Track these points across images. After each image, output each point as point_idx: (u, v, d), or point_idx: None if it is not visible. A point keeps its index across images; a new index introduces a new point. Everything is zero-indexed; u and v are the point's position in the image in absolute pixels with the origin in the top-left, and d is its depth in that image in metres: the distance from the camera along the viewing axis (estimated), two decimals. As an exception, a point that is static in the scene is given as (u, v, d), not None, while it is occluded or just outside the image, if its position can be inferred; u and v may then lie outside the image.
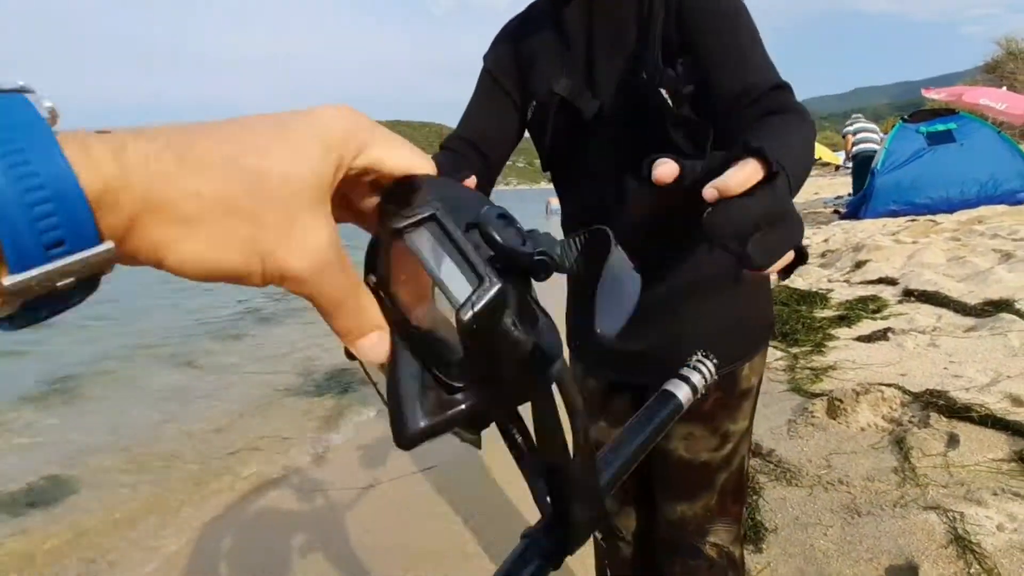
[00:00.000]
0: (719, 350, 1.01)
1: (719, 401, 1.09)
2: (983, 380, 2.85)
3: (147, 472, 3.28)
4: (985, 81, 21.19)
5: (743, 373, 1.09)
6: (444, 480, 2.90)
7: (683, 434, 1.11)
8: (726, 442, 1.11)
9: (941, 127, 8.77)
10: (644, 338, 1.10)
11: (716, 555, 1.13)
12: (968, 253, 5.32)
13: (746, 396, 1.11)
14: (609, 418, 1.25)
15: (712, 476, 1.12)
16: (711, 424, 1.10)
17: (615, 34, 1.00)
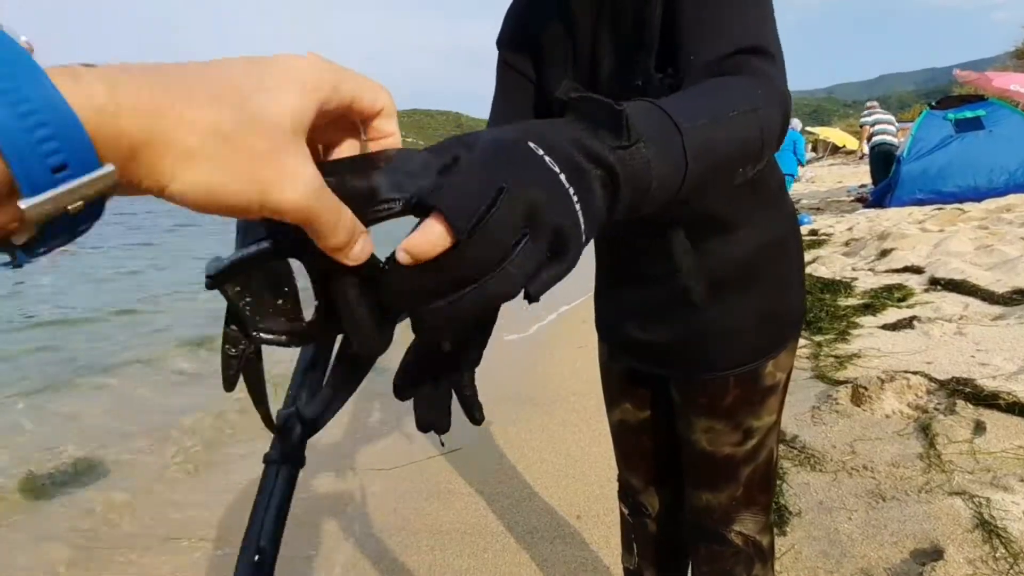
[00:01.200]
0: (741, 346, 1.03)
1: (739, 397, 1.04)
2: (1010, 368, 2.83)
3: (167, 447, 3.36)
4: (1016, 67, 20.68)
5: (767, 370, 1.04)
6: (468, 461, 2.95)
7: (704, 427, 1.08)
8: (749, 437, 1.06)
9: (969, 114, 8.61)
10: (667, 331, 1.08)
11: (742, 543, 1.11)
12: (996, 241, 5.25)
13: (771, 392, 1.06)
14: (634, 401, 1.25)
15: (736, 469, 1.09)
16: (732, 420, 1.06)
17: (618, 33, 0.94)
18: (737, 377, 1.03)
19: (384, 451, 3.22)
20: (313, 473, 3.00)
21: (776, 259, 1.03)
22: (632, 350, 1.17)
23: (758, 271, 1.01)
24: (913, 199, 8.51)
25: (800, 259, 1.09)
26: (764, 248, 1.00)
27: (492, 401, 3.74)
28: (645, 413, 1.23)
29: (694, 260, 1.00)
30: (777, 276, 1.03)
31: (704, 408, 1.07)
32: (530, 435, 3.16)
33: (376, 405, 3.88)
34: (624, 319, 1.15)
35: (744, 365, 1.03)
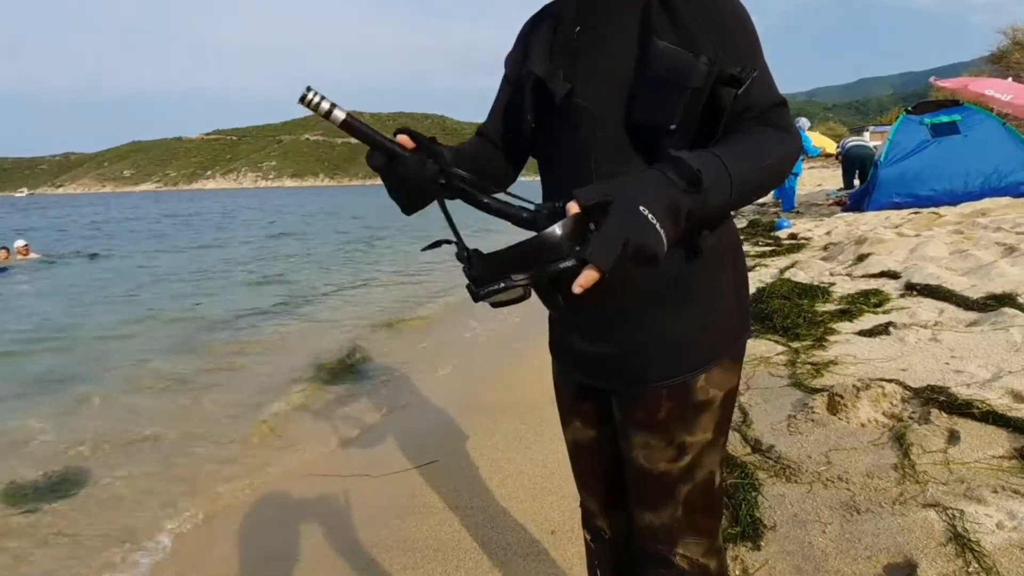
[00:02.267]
0: (671, 358, 1.05)
1: (672, 412, 1.06)
2: (984, 376, 2.83)
3: (145, 463, 3.29)
4: (991, 72, 21.02)
5: (699, 384, 1.05)
6: (444, 474, 2.90)
7: (641, 443, 1.09)
8: (683, 453, 1.07)
9: (945, 118, 8.72)
10: (606, 343, 1.10)
11: (687, 567, 1.11)
12: (971, 246, 5.30)
13: (704, 408, 1.07)
14: (583, 418, 1.26)
15: (673, 487, 1.09)
16: (665, 434, 1.07)
17: (603, 26, 1.04)
18: (669, 390, 1.06)
19: (359, 464, 3.17)
20: (284, 487, 2.95)
21: (708, 276, 1.05)
22: (578, 363, 1.19)
23: (689, 286, 1.04)
24: (891, 203, 8.60)
25: (740, 278, 1.11)
26: (695, 264, 1.03)
27: (469, 412, 3.71)
28: (594, 431, 1.24)
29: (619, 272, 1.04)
30: (709, 292, 1.06)
31: (640, 422, 1.09)
32: (507, 446, 3.12)
33: (352, 420, 3.84)
34: (570, 332, 1.18)
35: (674, 377, 1.05)
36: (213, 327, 6.67)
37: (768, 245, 7.65)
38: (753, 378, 3.28)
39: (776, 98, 0.96)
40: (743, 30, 0.97)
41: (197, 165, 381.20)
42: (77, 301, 8.85)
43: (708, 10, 0.96)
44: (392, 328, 6.29)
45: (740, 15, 0.98)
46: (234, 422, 3.85)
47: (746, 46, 0.96)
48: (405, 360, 4.97)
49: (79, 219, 35.37)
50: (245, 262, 13.22)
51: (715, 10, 0.96)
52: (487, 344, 5.49)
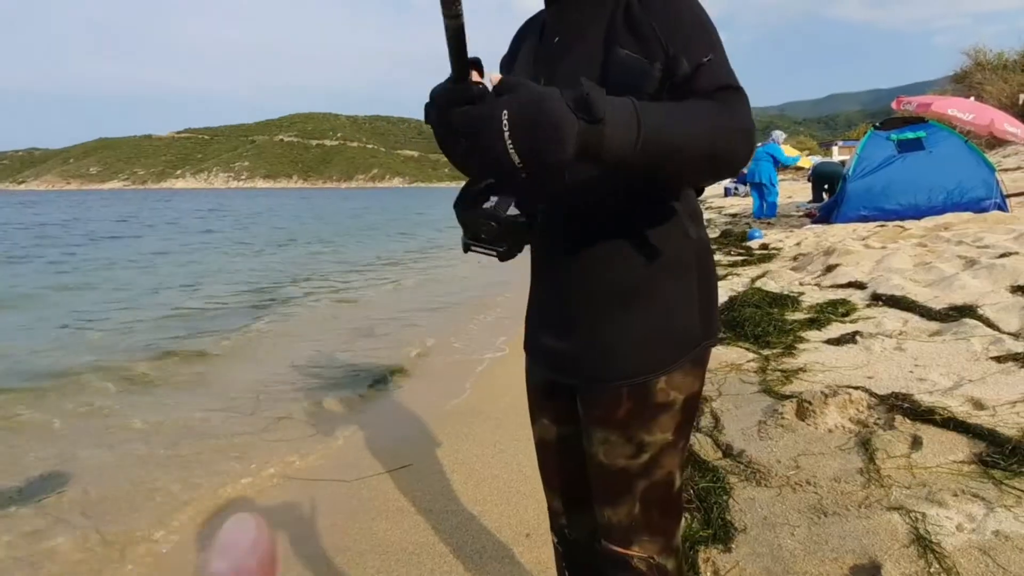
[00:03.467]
0: (631, 359, 1.08)
1: (631, 411, 1.09)
2: (946, 384, 2.92)
3: (134, 467, 3.23)
4: (954, 91, 21.68)
5: (658, 386, 1.08)
6: (418, 478, 2.90)
7: (601, 439, 1.12)
8: (642, 451, 1.10)
9: (911, 135, 8.97)
10: (569, 339, 1.14)
11: (644, 568, 1.13)
12: (934, 259, 5.45)
13: (664, 409, 1.09)
14: (550, 415, 1.28)
15: (631, 482, 1.12)
16: (624, 432, 1.10)
17: (576, 35, 1.07)
18: (629, 389, 1.08)
19: (333, 467, 3.15)
20: (256, 492, 2.92)
21: (668, 279, 1.08)
22: (546, 359, 1.22)
23: (648, 288, 1.07)
24: (858, 215, 8.81)
25: (705, 284, 1.12)
26: (656, 267, 1.07)
27: (443, 415, 3.71)
28: (561, 429, 1.27)
29: (578, 270, 1.11)
30: (669, 296, 1.08)
31: (600, 419, 1.12)
32: (482, 450, 3.13)
33: (326, 422, 3.81)
34: (539, 327, 1.22)
35: (634, 377, 1.08)
36: (190, 332, 6.55)
37: (740, 254, 7.79)
38: (725, 384, 3.34)
39: (725, 81, 0.95)
40: (696, 28, 0.98)
41: (166, 164, 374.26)
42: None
43: (663, 15, 0.98)
44: (369, 335, 6.25)
45: (694, 13, 1.00)
46: (207, 429, 3.79)
47: (699, 43, 0.97)
48: (380, 365, 4.94)
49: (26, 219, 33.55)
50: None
51: (670, 13, 0.99)
52: (464, 348, 5.50)
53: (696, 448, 2.66)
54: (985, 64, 22.94)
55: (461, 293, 8.53)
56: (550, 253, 1.16)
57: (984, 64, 22.99)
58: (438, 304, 7.68)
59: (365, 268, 11.97)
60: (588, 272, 1.10)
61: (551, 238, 1.14)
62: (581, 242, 1.09)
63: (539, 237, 1.15)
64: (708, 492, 2.28)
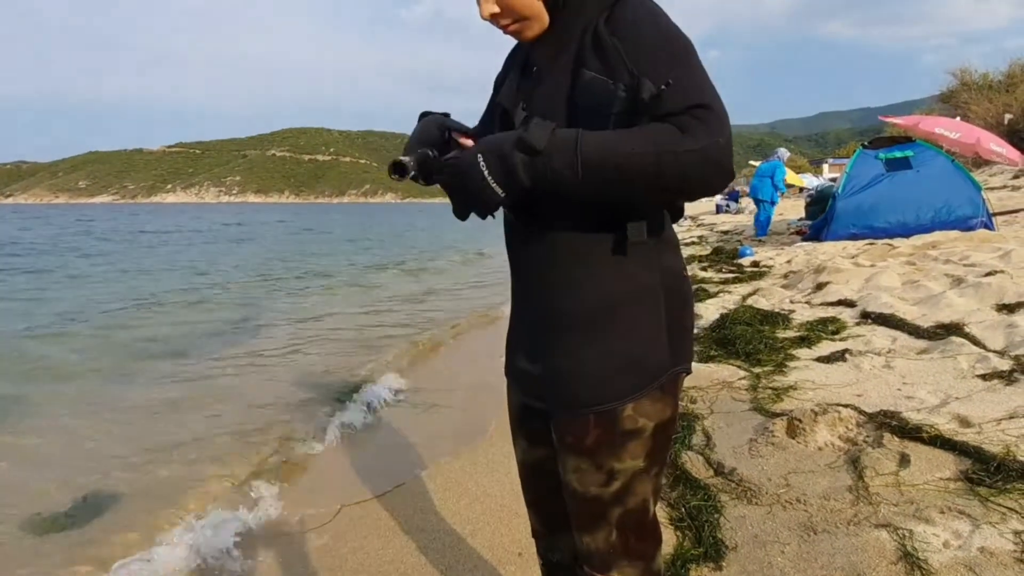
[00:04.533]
0: (598, 386, 1.09)
1: (600, 438, 1.09)
2: (933, 401, 2.96)
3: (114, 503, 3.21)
4: (941, 110, 22.03)
5: (625, 413, 1.08)
6: (409, 498, 2.90)
7: (574, 467, 1.13)
8: (613, 479, 1.10)
9: (899, 154, 9.11)
10: (540, 364, 1.16)
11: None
12: (922, 277, 5.53)
13: (632, 436, 1.09)
14: (528, 438, 1.30)
15: (605, 510, 1.12)
16: (594, 459, 1.10)
17: (550, 63, 1.09)
18: (596, 416, 1.09)
19: (323, 491, 3.14)
20: (247, 513, 2.91)
21: (633, 307, 1.08)
22: (520, 382, 1.25)
23: (612, 315, 1.07)
24: (848, 233, 8.91)
25: (675, 311, 1.11)
26: (620, 294, 1.07)
27: (434, 436, 3.71)
28: (539, 452, 1.28)
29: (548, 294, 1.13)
30: (633, 323, 1.08)
31: (571, 447, 1.12)
32: (474, 468, 3.14)
33: (317, 445, 3.80)
34: (515, 350, 1.24)
35: (600, 405, 1.08)
36: (170, 353, 6.53)
37: (731, 272, 7.85)
38: (716, 402, 3.37)
39: (694, 100, 0.93)
40: (662, 46, 0.98)
41: (157, 178, 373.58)
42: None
43: (628, 34, 0.98)
44: (361, 351, 6.25)
45: (659, 30, 0.99)
46: (196, 450, 3.78)
47: (664, 62, 0.96)
48: (372, 384, 4.94)
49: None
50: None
51: (634, 33, 0.98)
52: (457, 368, 5.51)
53: (687, 466, 2.68)
54: (971, 84, 23.33)
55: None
56: (521, 277, 1.18)
57: (970, 84, 23.39)
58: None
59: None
60: (553, 298, 1.11)
61: (522, 263, 1.17)
62: (547, 267, 1.11)
63: (514, 260, 1.19)
64: (699, 510, 2.30)
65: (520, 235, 1.15)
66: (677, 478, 2.58)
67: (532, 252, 1.13)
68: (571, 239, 1.08)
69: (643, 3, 1.02)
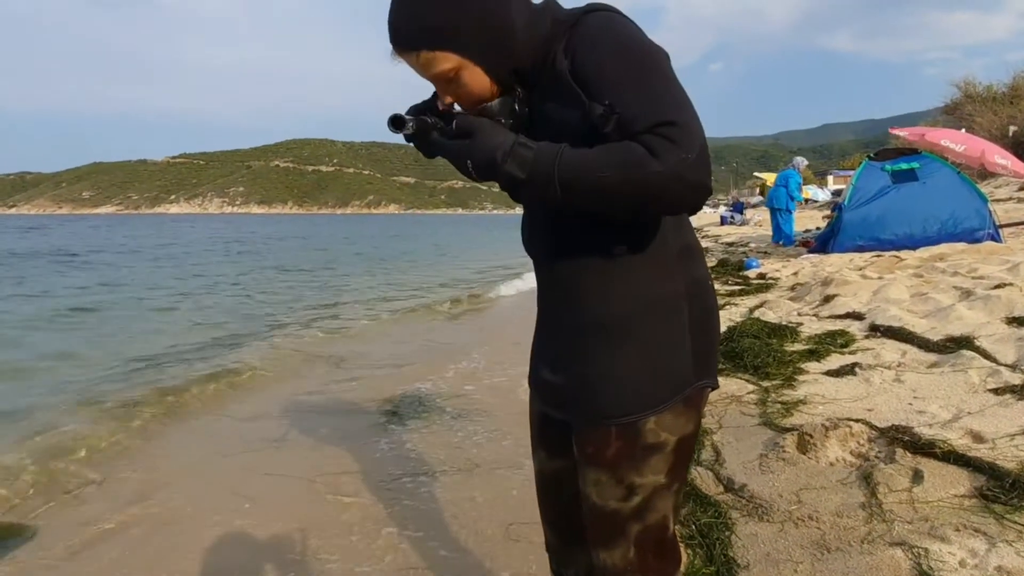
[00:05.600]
0: (620, 398, 1.08)
1: (621, 450, 1.08)
2: (945, 416, 2.94)
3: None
4: (945, 122, 22.03)
5: (647, 426, 1.07)
6: (416, 512, 2.88)
7: (593, 480, 1.12)
8: (633, 494, 1.09)
9: (905, 166, 9.11)
10: (563, 374, 1.15)
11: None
12: (931, 290, 5.50)
13: (654, 451, 1.08)
14: (547, 448, 1.29)
15: (624, 525, 1.11)
16: (614, 473, 1.09)
17: (536, 93, 1.09)
18: (618, 428, 1.08)
19: (330, 512, 3.13)
20: (253, 528, 2.89)
21: (657, 317, 1.07)
22: (542, 391, 1.24)
23: (636, 326, 1.07)
24: (854, 245, 8.89)
25: (698, 324, 1.11)
26: (644, 305, 1.07)
27: (439, 464, 3.69)
28: (558, 463, 1.27)
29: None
30: (657, 334, 1.08)
31: (592, 458, 1.11)
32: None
33: (328, 460, 3.78)
34: (539, 359, 1.24)
35: (622, 417, 1.07)
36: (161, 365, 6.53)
37: (737, 284, 7.83)
38: (725, 417, 3.35)
39: (656, 118, 0.89)
40: (617, 65, 0.96)
41: (160, 189, 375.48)
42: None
43: (583, 60, 0.98)
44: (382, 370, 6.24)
45: (616, 50, 0.97)
46: (206, 455, 3.77)
47: (619, 82, 0.94)
48: (382, 398, 4.93)
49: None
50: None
51: (587, 57, 0.98)
52: (472, 378, 5.50)
53: (697, 482, 2.66)
54: (975, 96, 23.35)
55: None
56: (546, 285, 1.18)
57: (974, 96, 23.40)
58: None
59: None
60: (576, 306, 1.10)
61: (546, 272, 1.17)
62: (571, 276, 1.10)
63: (538, 268, 1.19)
64: (710, 528, 2.27)
65: (544, 242, 1.15)
66: (687, 494, 2.55)
67: (556, 259, 1.13)
68: (595, 248, 1.07)
69: (601, 18, 1.00)
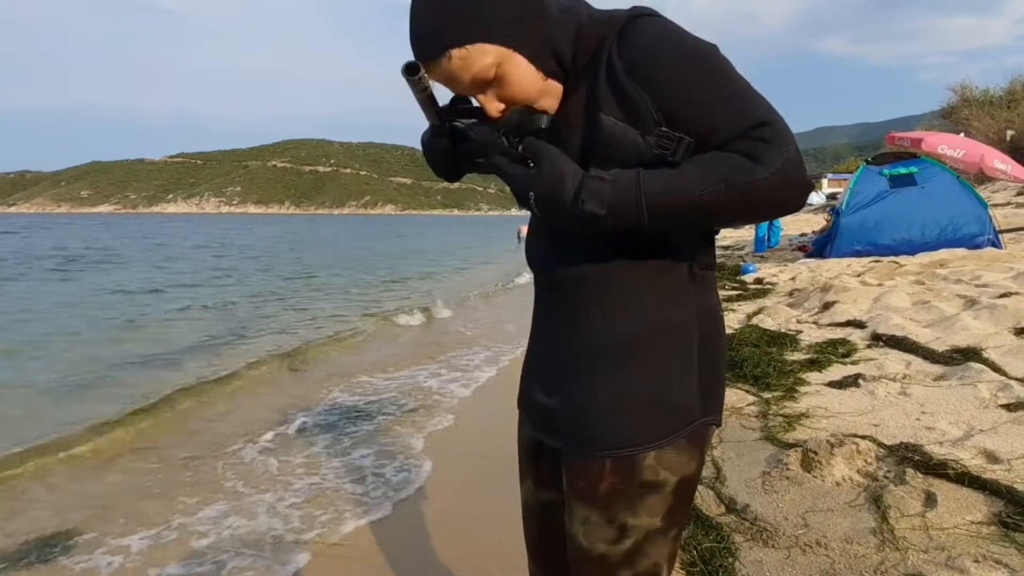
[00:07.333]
0: (617, 428, 0.97)
1: (614, 486, 0.99)
2: (956, 433, 2.81)
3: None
4: (942, 126, 22.04)
5: (646, 462, 0.98)
6: (399, 534, 2.75)
7: (582, 517, 1.02)
8: (624, 536, 1.00)
9: (903, 170, 9.02)
10: (557, 397, 1.06)
11: None
12: (933, 298, 5.39)
13: (652, 490, 0.99)
14: (536, 477, 1.19)
15: (611, 571, 1.01)
16: (606, 511, 0.99)
17: (565, 99, 1.01)
18: (613, 462, 0.99)
19: (308, 522, 2.99)
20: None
21: (662, 344, 0.99)
22: (533, 416, 1.14)
23: (639, 351, 0.98)
24: (852, 250, 8.80)
25: (707, 354, 1.02)
26: (649, 329, 0.98)
27: (429, 461, 3.56)
28: (546, 494, 1.17)
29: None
30: (661, 362, 0.99)
31: (582, 493, 1.02)
32: (450, 502, 2.98)
33: (306, 472, 3.65)
34: (531, 380, 1.14)
35: (619, 449, 0.98)
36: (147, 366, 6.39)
37: (735, 289, 7.72)
38: (725, 430, 3.22)
39: (748, 121, 0.85)
40: (688, 76, 0.89)
41: (158, 188, 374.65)
42: None
43: (648, 76, 0.90)
44: (364, 377, 6.12)
45: (683, 59, 0.90)
46: (180, 471, 3.63)
47: (698, 90, 0.88)
48: (375, 411, 4.80)
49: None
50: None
51: (653, 70, 0.90)
52: (466, 401, 5.37)
53: (698, 502, 2.52)
54: (972, 100, 23.36)
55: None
56: (545, 302, 1.09)
57: (971, 100, 23.42)
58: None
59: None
60: (576, 327, 1.02)
61: (547, 287, 1.08)
62: (573, 294, 1.02)
63: (538, 281, 1.11)
64: (712, 553, 2.14)
65: (547, 255, 1.07)
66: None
67: (557, 273, 1.04)
68: (600, 266, 0.99)
69: (655, 25, 0.92)
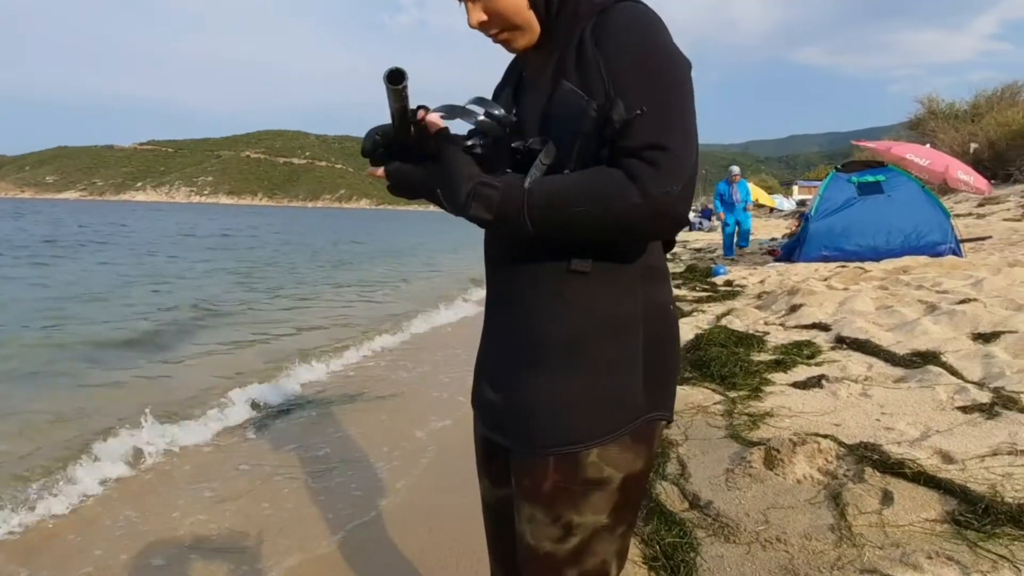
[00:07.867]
0: (561, 425, 0.96)
1: (558, 484, 0.98)
2: (914, 434, 2.88)
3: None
4: (909, 137, 22.57)
5: (589, 459, 0.97)
6: (377, 538, 2.73)
7: (528, 516, 1.02)
8: (570, 535, 0.99)
9: (871, 178, 9.21)
10: (504, 392, 1.06)
11: None
12: (895, 302, 5.51)
13: (596, 487, 0.98)
14: (490, 476, 1.20)
15: (558, 570, 1.01)
16: (551, 510, 0.99)
17: (537, 72, 1.05)
18: (556, 459, 0.98)
19: (286, 526, 2.95)
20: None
21: (606, 340, 0.99)
22: (483, 413, 1.14)
23: (581, 347, 0.98)
24: (819, 255, 8.96)
25: (655, 350, 1.02)
26: (595, 327, 0.98)
27: (400, 464, 3.53)
28: (502, 492, 1.17)
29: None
30: (604, 358, 0.99)
31: (527, 491, 1.02)
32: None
33: (282, 475, 3.60)
34: (481, 377, 1.14)
35: (561, 446, 0.98)
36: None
37: (705, 290, 7.81)
38: (691, 428, 3.25)
39: (652, 139, 0.88)
40: (642, 71, 0.91)
41: (127, 175, 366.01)
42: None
43: (611, 53, 0.93)
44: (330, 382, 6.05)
45: (645, 52, 0.93)
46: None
47: (640, 88, 0.90)
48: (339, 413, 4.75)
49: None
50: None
51: (616, 48, 0.93)
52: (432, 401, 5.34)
53: (662, 497, 2.54)
54: (938, 112, 23.95)
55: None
56: (492, 298, 1.11)
57: (937, 113, 24.01)
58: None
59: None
60: (520, 322, 1.02)
61: (497, 279, 1.09)
62: (521, 288, 1.02)
63: (489, 279, 1.12)
64: (675, 548, 2.16)
65: (496, 252, 1.08)
66: (651, 511, 2.44)
67: (507, 269, 1.05)
68: (549, 258, 0.99)
69: (633, 10, 0.95)
